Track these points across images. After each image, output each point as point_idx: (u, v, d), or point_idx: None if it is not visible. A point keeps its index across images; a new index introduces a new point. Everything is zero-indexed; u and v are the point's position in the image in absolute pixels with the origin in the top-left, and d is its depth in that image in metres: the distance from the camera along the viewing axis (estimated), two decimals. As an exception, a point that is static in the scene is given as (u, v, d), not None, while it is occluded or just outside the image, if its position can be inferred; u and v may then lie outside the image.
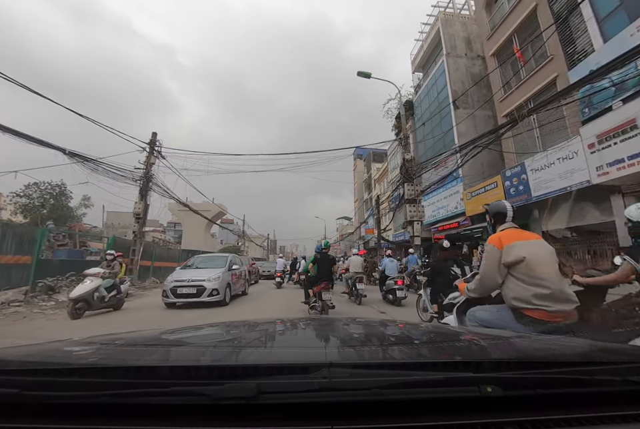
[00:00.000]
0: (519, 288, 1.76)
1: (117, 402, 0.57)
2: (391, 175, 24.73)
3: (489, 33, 13.35)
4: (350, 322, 1.64)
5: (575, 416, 0.57)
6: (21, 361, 0.73)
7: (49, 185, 31.20)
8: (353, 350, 0.97)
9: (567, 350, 0.97)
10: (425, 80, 19.87)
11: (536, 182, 9.90)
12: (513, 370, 0.65)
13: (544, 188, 9.61)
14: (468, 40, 17.32)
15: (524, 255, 1.77)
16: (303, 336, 1.32)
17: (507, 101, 11.92)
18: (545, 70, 10.33)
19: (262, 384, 0.57)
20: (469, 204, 13.62)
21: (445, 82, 16.44)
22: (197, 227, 32.66)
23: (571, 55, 9.36)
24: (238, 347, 1.02)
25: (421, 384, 0.61)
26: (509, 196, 11.05)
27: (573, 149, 8.59)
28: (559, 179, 9.08)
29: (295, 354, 0.92)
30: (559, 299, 1.70)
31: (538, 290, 1.70)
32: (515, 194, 10.80)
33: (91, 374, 0.63)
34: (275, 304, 8.08)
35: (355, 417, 0.56)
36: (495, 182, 11.86)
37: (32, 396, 0.57)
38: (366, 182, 36.32)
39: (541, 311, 1.68)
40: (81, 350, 0.99)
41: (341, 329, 1.42)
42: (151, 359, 0.85)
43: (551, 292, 1.69)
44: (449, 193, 15.65)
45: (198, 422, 0.56)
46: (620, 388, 0.62)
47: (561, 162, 8.99)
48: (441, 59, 17.15)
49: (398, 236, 24.23)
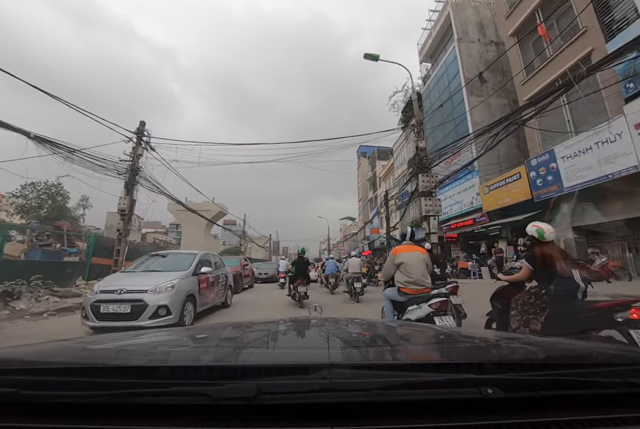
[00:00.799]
0: (400, 277, 3.24)
1: (117, 401, 0.57)
2: (397, 172, 23.60)
3: (507, 12, 12.24)
4: (350, 323, 1.71)
5: (576, 418, 0.56)
6: (20, 360, 0.73)
7: (45, 185, 30.50)
8: (354, 351, 1.00)
9: (568, 351, 0.97)
10: (433, 70, 18.76)
11: (569, 171, 8.75)
12: (514, 372, 0.64)
13: (579, 178, 8.46)
14: (480, 25, 16.20)
15: (403, 260, 3.24)
16: (303, 337, 1.29)
17: (530, 83, 10.78)
18: (576, 45, 9.20)
19: (262, 385, 0.57)
20: (487, 199, 12.48)
21: (456, 69, 15.33)
22: (197, 228, 31.60)
23: (609, 25, 8.23)
24: (238, 347, 1.02)
25: (422, 385, 0.60)
26: (536, 189, 9.90)
27: (616, 130, 7.44)
28: (597, 166, 7.94)
29: (295, 355, 0.92)
30: (417, 283, 3.16)
31: (407, 278, 3.18)
32: (542, 185, 9.65)
33: (91, 374, 0.63)
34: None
35: (356, 418, 0.56)
36: (517, 173, 10.71)
37: (31, 396, 0.57)
38: (370, 181, 35.18)
39: (408, 289, 3.18)
40: (81, 349, 0.97)
41: (341, 330, 1.41)
42: (151, 359, 0.85)
43: (414, 280, 3.16)
44: (463, 187, 14.51)
45: (198, 422, 0.56)
46: (621, 390, 0.61)
47: (601, 147, 7.84)
48: (451, 46, 16.04)
49: (405, 236, 23.14)
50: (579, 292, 2.43)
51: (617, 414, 0.57)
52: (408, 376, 0.62)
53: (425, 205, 9.05)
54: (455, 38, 15.71)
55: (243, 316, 6.13)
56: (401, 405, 0.58)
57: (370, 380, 0.60)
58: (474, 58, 15.18)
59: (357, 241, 44.07)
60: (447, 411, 0.57)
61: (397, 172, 23.78)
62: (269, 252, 40.52)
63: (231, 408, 0.56)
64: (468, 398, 0.58)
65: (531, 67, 10.88)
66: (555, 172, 9.16)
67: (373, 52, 10.47)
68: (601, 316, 2.25)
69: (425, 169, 9.35)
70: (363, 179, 39.21)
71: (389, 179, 26.94)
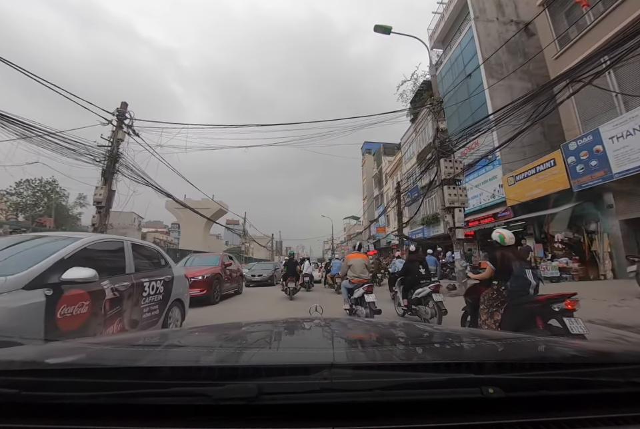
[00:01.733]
0: (350, 273, 5.04)
1: (117, 402, 0.57)
2: (406, 167, 22.26)
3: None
4: (351, 323, 1.74)
5: (578, 418, 0.56)
6: (21, 361, 0.73)
7: (40, 182, 29.58)
8: (354, 351, 0.99)
9: (570, 351, 0.96)
10: (446, 55, 17.42)
11: (619, 154, 7.39)
12: (515, 371, 0.64)
13: (633, 161, 7.11)
14: (499, 3, 14.86)
15: (352, 263, 5.05)
16: (304, 337, 1.29)
17: (565, 57, 9.42)
18: (623, 9, 7.85)
19: (263, 385, 0.56)
20: (512, 191, 11.12)
21: (473, 50, 13.99)
22: (196, 226, 30.40)
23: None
24: (239, 347, 1.02)
25: (423, 385, 0.60)
26: (575, 176, 8.54)
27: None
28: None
29: (296, 355, 0.91)
30: (359, 277, 4.97)
31: (353, 274, 5.00)
32: (584, 172, 8.30)
33: (91, 375, 0.63)
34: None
35: (356, 418, 0.55)
36: (551, 160, 9.36)
37: (32, 397, 0.57)
38: (376, 178, 33.85)
39: (355, 280, 4.97)
40: (82, 350, 0.97)
41: (342, 330, 1.41)
42: (152, 359, 0.84)
43: (356, 275, 4.99)
44: (483, 179, 13.15)
45: (198, 422, 0.56)
46: (622, 390, 0.61)
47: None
48: (467, 26, 14.71)
49: (415, 234, 21.79)
50: (530, 288, 2.87)
51: (619, 413, 0.57)
52: (409, 376, 0.62)
53: (449, 195, 7.74)
54: (471, 17, 14.38)
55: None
56: (402, 405, 0.58)
57: (371, 380, 0.59)
58: (493, 39, 13.82)
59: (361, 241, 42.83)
60: (447, 411, 0.57)
61: (405, 167, 22.45)
62: (272, 252, 39.26)
63: (232, 408, 0.56)
64: (469, 397, 0.58)
65: (564, 40, 9.53)
66: (600, 156, 7.81)
67: (384, 24, 9.20)
68: (542, 307, 2.70)
69: (447, 153, 8.03)
70: (368, 176, 37.88)
71: (396, 175, 25.59)
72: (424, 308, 4.81)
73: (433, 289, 4.65)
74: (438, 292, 4.69)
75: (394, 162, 25.84)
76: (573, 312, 2.59)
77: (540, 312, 2.69)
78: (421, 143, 19.60)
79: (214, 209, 28.89)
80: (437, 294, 4.63)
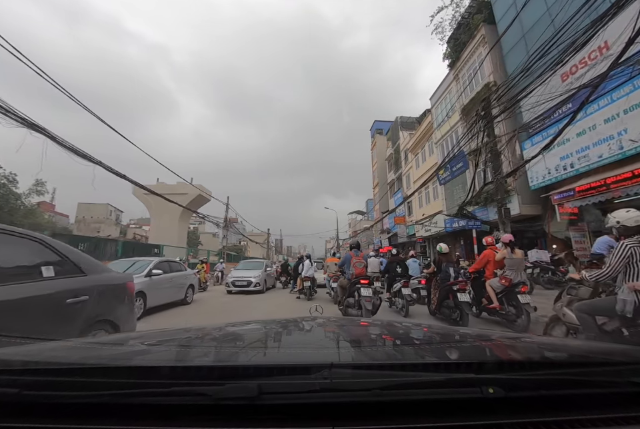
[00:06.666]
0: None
1: (118, 401, 0.56)
2: (441, 131, 16.54)
3: None
4: (351, 323, 1.70)
5: (578, 418, 0.56)
6: (22, 361, 0.72)
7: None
8: (354, 351, 0.99)
9: (569, 351, 0.96)
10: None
11: None
12: (515, 371, 0.64)
13: None
14: None
15: (328, 265, 9.04)
16: (303, 337, 1.29)
17: None
18: None
19: (263, 385, 0.56)
20: None
21: None
22: (170, 216, 24.75)
23: None
24: (239, 347, 1.02)
25: (422, 384, 0.60)
26: None
27: None
28: None
29: (296, 355, 0.90)
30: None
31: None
32: None
33: (92, 374, 0.62)
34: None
35: (356, 418, 0.55)
36: None
37: (33, 396, 0.57)
38: (391, 159, 28.14)
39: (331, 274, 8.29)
40: (82, 350, 0.96)
41: (342, 329, 1.39)
42: (152, 359, 0.84)
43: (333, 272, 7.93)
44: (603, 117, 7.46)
45: (199, 422, 0.55)
46: (623, 390, 0.61)
47: None
48: None
49: (451, 222, 16.09)
50: (451, 278, 5.13)
51: (619, 413, 0.56)
52: (409, 376, 0.61)
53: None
54: None
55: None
56: (402, 405, 0.57)
57: (371, 380, 0.59)
58: None
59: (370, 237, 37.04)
60: (447, 411, 0.56)
61: (440, 132, 16.72)
62: (267, 250, 33.51)
63: (232, 408, 0.55)
64: (469, 397, 0.57)
65: None
66: None
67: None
68: (449, 290, 4.99)
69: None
70: (380, 160, 32.15)
71: (423, 147, 19.85)
72: (397, 299, 6.27)
73: (403, 284, 5.98)
74: (407, 287, 6.00)
75: (420, 131, 20.10)
76: (464, 290, 4.80)
77: (450, 291, 4.95)
78: (468, 91, 13.91)
79: (192, 194, 23.37)
80: (406, 288, 5.94)
